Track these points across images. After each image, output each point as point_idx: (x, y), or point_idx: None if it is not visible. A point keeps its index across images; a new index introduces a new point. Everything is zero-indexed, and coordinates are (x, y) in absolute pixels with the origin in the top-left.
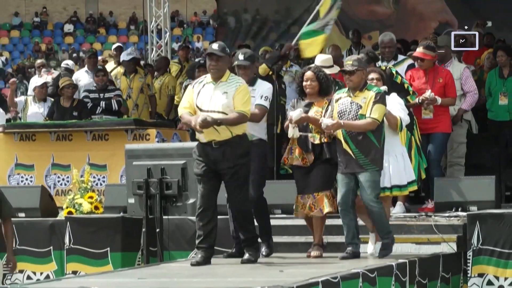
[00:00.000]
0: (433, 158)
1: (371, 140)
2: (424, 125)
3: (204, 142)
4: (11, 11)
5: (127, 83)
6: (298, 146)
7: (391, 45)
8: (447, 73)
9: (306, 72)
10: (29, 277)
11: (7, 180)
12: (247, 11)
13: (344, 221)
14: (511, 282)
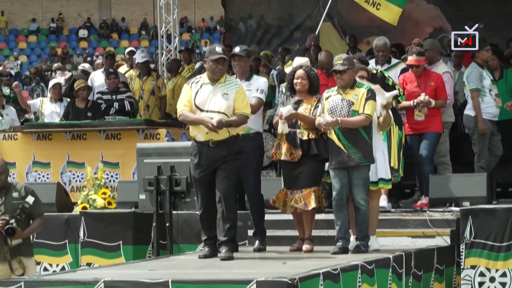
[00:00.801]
0: (425, 155)
1: (362, 135)
2: (417, 125)
3: (201, 141)
4: (28, 17)
5: (140, 85)
6: (286, 142)
7: (385, 49)
8: (438, 77)
9: (298, 71)
10: (45, 268)
11: (25, 177)
12: (252, 17)
13: (338, 215)
14: (502, 274)
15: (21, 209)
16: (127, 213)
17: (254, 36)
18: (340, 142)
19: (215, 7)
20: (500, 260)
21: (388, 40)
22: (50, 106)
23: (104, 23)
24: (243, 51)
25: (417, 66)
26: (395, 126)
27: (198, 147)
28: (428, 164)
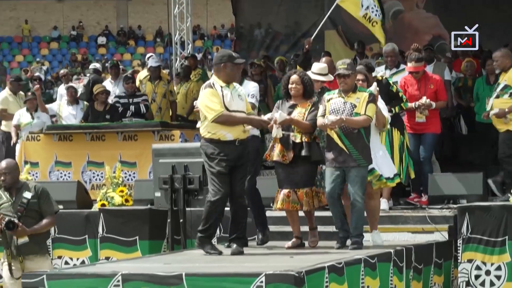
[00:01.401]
0: (425, 155)
1: (363, 138)
2: (416, 126)
3: (228, 140)
4: (51, 25)
5: (152, 88)
6: (280, 144)
7: (393, 54)
8: (437, 80)
9: (292, 76)
10: (66, 262)
11: (48, 175)
12: (260, 25)
13: (332, 210)
14: (497, 267)
15: (20, 205)
16: (143, 210)
17: (263, 42)
18: (342, 143)
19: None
20: (495, 254)
21: (396, 46)
22: (67, 109)
23: (122, 31)
24: None
25: (417, 72)
26: (396, 131)
27: (222, 146)
28: (427, 164)
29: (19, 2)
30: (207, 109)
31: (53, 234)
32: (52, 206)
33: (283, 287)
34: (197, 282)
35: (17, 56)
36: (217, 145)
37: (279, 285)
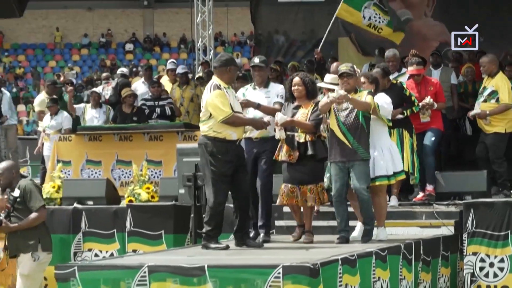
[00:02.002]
0: (428, 147)
1: (365, 132)
2: (420, 126)
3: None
4: (81, 33)
5: (180, 93)
6: (285, 144)
7: (394, 59)
8: (436, 82)
9: (294, 78)
10: (96, 254)
11: (79, 173)
12: (278, 32)
13: (338, 210)
14: (500, 260)
15: (8, 203)
16: (168, 205)
17: (280, 49)
18: (345, 137)
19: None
20: (498, 247)
21: (397, 52)
22: (91, 112)
23: (148, 38)
24: (263, 62)
25: (418, 75)
26: (406, 133)
27: (226, 145)
28: (431, 155)
29: (51, 11)
30: (218, 110)
31: (83, 228)
32: (36, 202)
33: (300, 278)
34: (218, 273)
35: (50, 61)
36: (221, 144)
37: (296, 276)
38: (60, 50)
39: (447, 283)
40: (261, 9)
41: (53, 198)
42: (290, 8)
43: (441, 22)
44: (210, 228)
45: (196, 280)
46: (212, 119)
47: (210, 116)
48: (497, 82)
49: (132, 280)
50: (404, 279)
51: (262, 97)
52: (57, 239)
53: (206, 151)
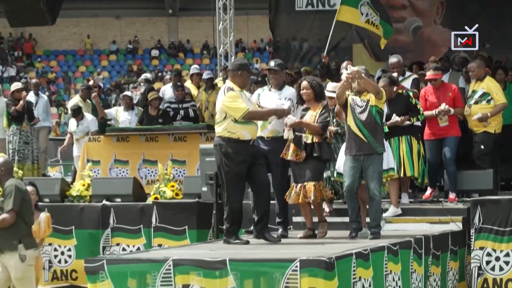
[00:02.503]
0: (449, 157)
1: (378, 124)
2: (438, 131)
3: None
4: (109, 40)
5: (206, 98)
6: (293, 144)
7: (398, 65)
8: (454, 88)
9: (302, 82)
10: (124, 249)
11: (108, 172)
12: (295, 39)
13: (349, 204)
14: (505, 254)
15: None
16: (191, 202)
17: (297, 55)
18: (360, 132)
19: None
20: (504, 242)
21: (400, 58)
22: (123, 114)
23: (172, 44)
24: (278, 65)
25: (435, 79)
26: (414, 139)
27: (240, 146)
28: (452, 165)
29: (82, 19)
30: (234, 109)
31: (112, 224)
32: (8, 204)
33: (316, 271)
34: (239, 267)
35: (80, 67)
36: (235, 145)
37: (312, 269)
38: (90, 56)
39: (455, 276)
40: (279, 17)
41: (83, 195)
42: (307, 16)
43: (449, 29)
44: (229, 225)
45: (218, 273)
46: (227, 120)
47: (225, 117)
48: (488, 85)
49: (158, 273)
50: (414, 272)
51: (275, 99)
52: (86, 234)
53: (221, 152)
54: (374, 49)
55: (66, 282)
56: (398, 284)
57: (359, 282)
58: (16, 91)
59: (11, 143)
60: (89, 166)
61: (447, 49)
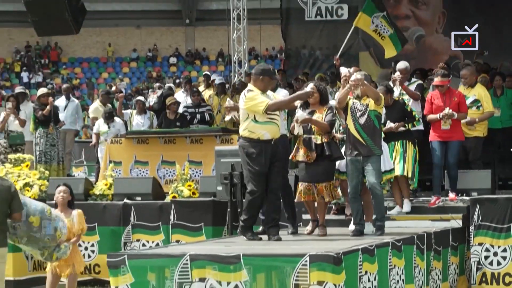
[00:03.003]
0: (452, 162)
1: (376, 128)
2: (443, 134)
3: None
4: (130, 48)
5: (218, 102)
6: (303, 146)
7: (405, 72)
8: (459, 94)
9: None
10: (143, 244)
11: (129, 172)
12: (305, 47)
13: (353, 206)
14: (503, 249)
15: None
16: (207, 201)
17: (307, 62)
18: (359, 135)
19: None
20: (501, 238)
21: (408, 64)
22: (136, 118)
23: (189, 52)
24: None
25: (442, 86)
26: (410, 144)
27: (261, 145)
28: (454, 169)
29: (104, 29)
30: (256, 105)
31: (132, 221)
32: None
33: (324, 265)
34: (252, 261)
35: (102, 73)
36: (256, 144)
37: (321, 264)
38: (112, 63)
39: (456, 271)
40: (290, 26)
41: (106, 194)
42: (316, 26)
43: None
44: (246, 217)
45: (232, 267)
46: (247, 120)
47: (246, 118)
48: (479, 92)
49: (176, 267)
50: (417, 267)
51: None
52: (108, 231)
53: (244, 152)
54: (379, 56)
55: (89, 276)
56: (402, 278)
57: (365, 276)
58: (42, 96)
59: (38, 145)
60: (111, 166)
61: (448, 56)
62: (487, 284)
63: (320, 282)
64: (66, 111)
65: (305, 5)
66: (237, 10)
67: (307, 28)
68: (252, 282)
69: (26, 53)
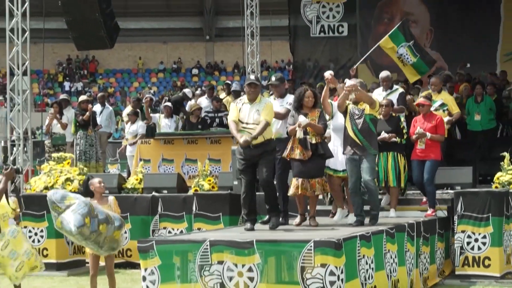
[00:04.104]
0: (427, 178)
1: (371, 130)
2: (420, 154)
3: None
4: (158, 61)
5: None
6: (299, 145)
7: (387, 80)
8: (438, 117)
9: (307, 91)
10: (169, 232)
11: (157, 169)
12: (310, 60)
13: (354, 200)
14: (483, 236)
15: None
16: (225, 194)
17: (312, 72)
18: (356, 137)
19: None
20: (481, 227)
21: (389, 73)
22: (164, 121)
23: (209, 64)
24: (278, 80)
25: (423, 105)
26: (401, 156)
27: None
28: (430, 185)
29: (135, 44)
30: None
31: (160, 211)
32: None
33: (327, 250)
34: (264, 246)
35: (134, 83)
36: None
37: (324, 249)
38: (142, 74)
39: (442, 255)
40: (297, 42)
41: (136, 188)
42: (320, 41)
43: (437, 51)
44: (244, 212)
45: (246, 251)
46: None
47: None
48: (446, 97)
49: (197, 251)
50: (408, 251)
51: (278, 105)
52: (139, 219)
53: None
54: (375, 68)
55: (122, 259)
56: (395, 261)
57: (362, 259)
58: (82, 102)
59: (78, 145)
60: (141, 164)
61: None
62: (469, 266)
63: (323, 265)
64: (101, 116)
65: (310, 24)
66: (251, 27)
67: (312, 43)
68: (264, 264)
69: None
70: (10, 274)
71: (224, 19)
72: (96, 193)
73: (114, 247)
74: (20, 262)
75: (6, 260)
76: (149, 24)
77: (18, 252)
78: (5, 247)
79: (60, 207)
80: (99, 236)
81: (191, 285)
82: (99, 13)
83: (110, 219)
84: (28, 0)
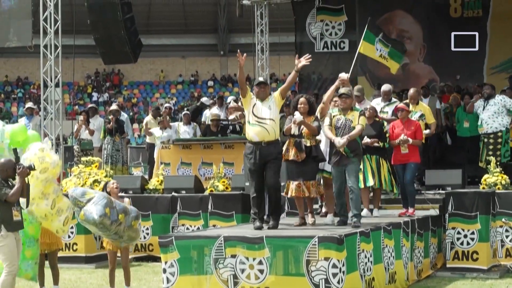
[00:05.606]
0: (408, 179)
1: (358, 144)
2: (402, 158)
3: (256, 141)
4: (177, 73)
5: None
6: (294, 147)
7: (389, 93)
8: (416, 123)
9: (301, 99)
10: (187, 228)
11: (176, 171)
12: (314, 73)
13: (338, 201)
14: (471, 232)
15: None
16: (237, 194)
17: (316, 85)
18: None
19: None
20: (470, 224)
21: (391, 87)
22: (183, 128)
23: (223, 77)
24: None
25: (402, 110)
26: (383, 160)
27: (251, 147)
28: (411, 186)
29: (156, 59)
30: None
31: (179, 210)
32: None
33: (330, 245)
34: (273, 241)
35: (155, 94)
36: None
37: (327, 243)
38: (163, 86)
39: (435, 249)
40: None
41: (158, 188)
42: (323, 56)
43: (429, 65)
44: (253, 211)
45: (257, 246)
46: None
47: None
48: (424, 108)
49: (213, 246)
50: (404, 246)
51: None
52: (160, 217)
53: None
54: (373, 80)
55: (144, 253)
56: (392, 255)
57: (362, 253)
58: (111, 112)
59: (106, 150)
60: (162, 167)
61: (428, 79)
62: (459, 260)
63: (326, 258)
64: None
65: (315, 40)
66: (261, 43)
67: (316, 58)
68: (273, 258)
69: (95, 78)
70: (57, 228)
71: (237, 36)
72: (112, 194)
73: (133, 237)
74: (65, 216)
75: (55, 217)
76: (169, 40)
77: (62, 208)
78: (54, 206)
79: (82, 201)
80: (119, 226)
81: (207, 277)
82: (124, 31)
83: (127, 210)
84: (60, 19)
